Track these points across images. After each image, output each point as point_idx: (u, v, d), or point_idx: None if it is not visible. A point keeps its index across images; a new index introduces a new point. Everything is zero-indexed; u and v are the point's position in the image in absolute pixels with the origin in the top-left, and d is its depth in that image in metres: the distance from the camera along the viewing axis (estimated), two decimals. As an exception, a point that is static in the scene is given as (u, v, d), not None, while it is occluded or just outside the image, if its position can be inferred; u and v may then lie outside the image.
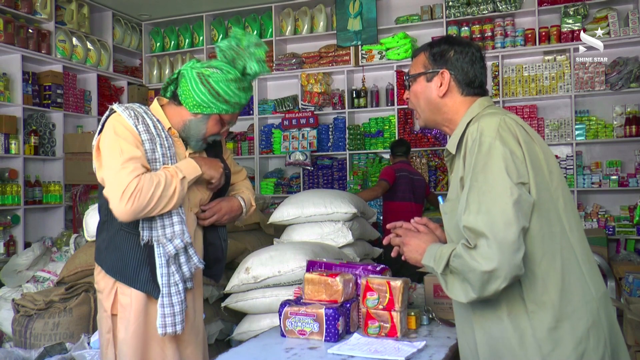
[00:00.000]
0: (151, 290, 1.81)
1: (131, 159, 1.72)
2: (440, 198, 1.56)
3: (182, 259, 1.81)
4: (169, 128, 1.89)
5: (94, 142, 1.84)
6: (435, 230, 1.64)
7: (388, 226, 1.65)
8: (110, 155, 1.74)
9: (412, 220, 1.62)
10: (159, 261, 1.79)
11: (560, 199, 1.35)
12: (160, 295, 1.78)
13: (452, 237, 1.45)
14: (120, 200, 1.66)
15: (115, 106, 1.83)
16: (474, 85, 1.51)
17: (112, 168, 1.72)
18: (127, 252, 1.82)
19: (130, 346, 1.83)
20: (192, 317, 1.95)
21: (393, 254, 1.66)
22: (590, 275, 1.35)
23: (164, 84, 1.92)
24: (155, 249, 1.79)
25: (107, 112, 1.85)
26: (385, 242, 1.69)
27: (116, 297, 1.85)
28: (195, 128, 1.86)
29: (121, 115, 1.79)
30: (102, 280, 1.89)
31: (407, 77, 1.59)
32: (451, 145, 1.48)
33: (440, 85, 1.51)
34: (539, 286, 1.31)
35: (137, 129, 1.77)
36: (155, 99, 1.95)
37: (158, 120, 1.86)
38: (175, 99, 1.88)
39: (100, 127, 1.84)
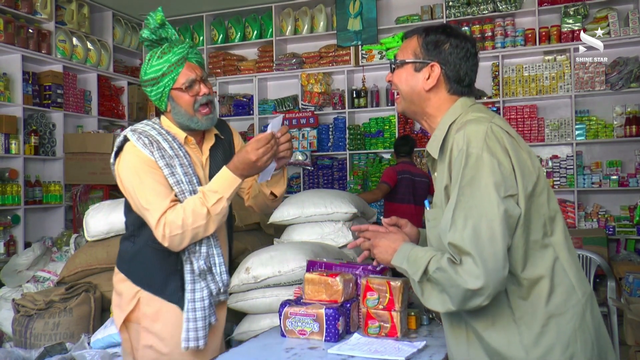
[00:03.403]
0: (177, 301, 1.82)
1: (155, 196, 1.72)
2: (426, 203, 1.50)
3: (209, 277, 1.83)
4: (185, 139, 1.87)
5: (113, 166, 1.85)
6: (404, 227, 1.63)
7: (353, 228, 1.62)
8: (135, 196, 1.75)
9: (383, 222, 1.61)
10: (187, 277, 1.80)
11: (545, 205, 1.32)
12: (186, 309, 1.79)
13: (432, 245, 1.42)
14: (159, 239, 1.72)
15: (129, 134, 1.81)
16: (462, 84, 1.44)
17: (141, 210, 1.75)
18: (154, 265, 1.83)
19: (156, 353, 1.83)
20: (218, 326, 1.94)
21: (359, 259, 1.66)
22: (576, 278, 1.33)
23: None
24: (185, 265, 1.80)
25: (121, 138, 1.83)
26: (350, 247, 1.68)
27: (138, 305, 1.84)
28: (179, 116, 1.85)
29: (135, 146, 1.78)
30: (123, 285, 1.88)
31: (394, 61, 1.51)
32: (433, 149, 1.43)
33: (428, 78, 1.43)
34: (524, 293, 1.29)
35: (154, 156, 1.76)
36: (162, 115, 1.94)
37: (174, 137, 1.85)
38: (165, 110, 1.90)
39: (115, 150, 1.84)
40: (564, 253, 1.33)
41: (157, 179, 1.75)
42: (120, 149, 1.82)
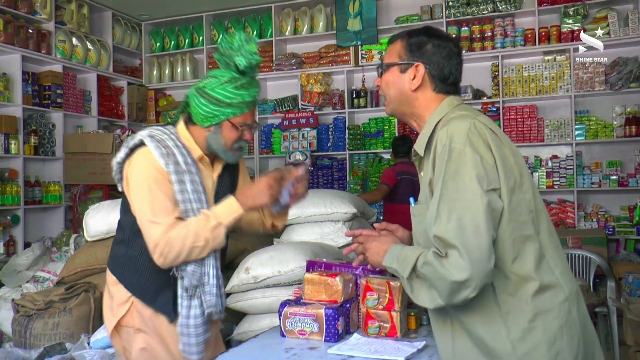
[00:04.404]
0: (168, 312, 1.81)
1: (162, 210, 1.71)
2: (411, 199, 1.52)
3: (201, 295, 1.82)
4: (200, 156, 1.85)
5: (119, 165, 1.83)
6: (395, 231, 1.64)
7: (346, 234, 1.66)
8: (141, 205, 1.74)
9: (375, 227, 1.64)
10: (180, 292, 1.80)
11: (532, 201, 1.34)
12: (180, 324, 1.80)
13: (419, 240, 1.43)
14: (154, 255, 1.71)
15: (146, 140, 1.77)
16: (447, 82, 1.47)
17: (143, 220, 1.74)
18: (148, 275, 1.82)
19: (151, 356, 1.83)
20: (211, 339, 1.93)
21: (354, 264, 1.68)
22: (562, 276, 1.34)
23: (177, 111, 1.90)
24: (179, 281, 1.80)
25: (136, 141, 1.79)
26: (346, 252, 1.70)
27: (131, 309, 1.84)
28: (214, 141, 1.82)
29: (152, 154, 1.75)
30: (115, 288, 1.87)
31: (380, 65, 1.55)
32: (419, 147, 1.46)
33: (414, 79, 1.46)
34: (511, 288, 1.30)
35: (167, 169, 1.74)
36: (182, 122, 1.89)
37: (189, 151, 1.82)
38: (191, 120, 1.85)
39: (126, 150, 1.81)
40: (550, 250, 1.35)
41: (166, 193, 1.73)
42: (132, 150, 1.79)
